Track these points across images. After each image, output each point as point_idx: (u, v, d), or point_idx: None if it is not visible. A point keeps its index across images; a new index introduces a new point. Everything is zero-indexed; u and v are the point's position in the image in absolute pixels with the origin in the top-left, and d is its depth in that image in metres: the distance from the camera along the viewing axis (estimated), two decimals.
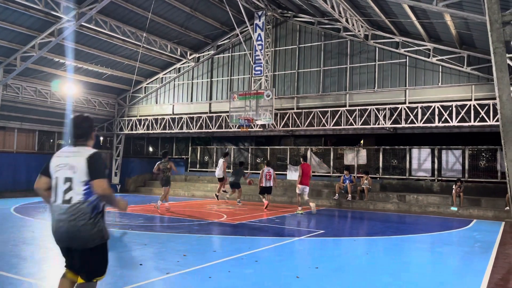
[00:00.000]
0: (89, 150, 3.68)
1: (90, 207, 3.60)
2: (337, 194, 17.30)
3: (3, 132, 20.80)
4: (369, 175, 17.44)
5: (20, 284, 5.36)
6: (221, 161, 17.31)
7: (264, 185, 15.43)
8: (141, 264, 6.52)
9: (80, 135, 3.77)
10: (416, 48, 16.43)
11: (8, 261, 6.51)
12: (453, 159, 17.23)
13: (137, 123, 22.69)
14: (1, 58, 17.45)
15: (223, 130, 19.87)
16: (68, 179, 3.59)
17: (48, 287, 5.39)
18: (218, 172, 17.14)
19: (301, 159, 14.92)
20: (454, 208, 15.06)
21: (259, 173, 16.24)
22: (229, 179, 16.77)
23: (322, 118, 17.57)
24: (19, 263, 6.42)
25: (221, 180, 17.11)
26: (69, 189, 3.58)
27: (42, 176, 3.81)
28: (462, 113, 15.05)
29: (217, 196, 17.00)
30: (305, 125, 17.98)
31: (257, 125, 18.17)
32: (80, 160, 3.59)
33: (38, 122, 21.62)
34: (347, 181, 17.23)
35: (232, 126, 18.99)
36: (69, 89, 20.15)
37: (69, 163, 3.61)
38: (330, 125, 17.37)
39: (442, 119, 15.43)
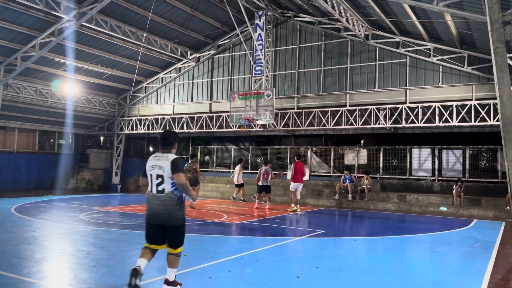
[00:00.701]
0: (172, 156, 5.05)
1: (177, 197, 5.00)
2: (337, 194, 17.29)
3: (4, 132, 20.82)
4: (370, 175, 17.44)
5: (20, 284, 5.36)
6: (237, 167, 17.53)
7: (261, 184, 15.53)
8: None
9: (167, 144, 5.17)
10: (417, 48, 16.42)
11: (8, 261, 6.52)
12: (453, 159, 17.21)
13: (138, 123, 22.69)
14: (1, 58, 17.46)
15: (224, 130, 19.88)
16: (159, 176, 5.01)
17: (48, 286, 5.39)
18: (237, 178, 17.31)
19: (295, 157, 15.13)
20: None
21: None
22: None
23: (323, 118, 17.56)
24: (20, 263, 6.42)
25: (240, 186, 17.33)
26: (161, 182, 5.01)
27: (143, 177, 5.32)
28: (463, 113, 15.05)
29: (242, 200, 17.25)
30: (306, 125, 17.98)
31: (257, 125, 18.17)
32: (167, 163, 4.97)
33: (38, 122, 21.65)
34: (348, 181, 17.22)
35: (233, 126, 18.99)
36: (70, 89, 20.17)
37: (159, 165, 5.02)
38: (330, 125, 17.37)
39: (443, 119, 15.42)
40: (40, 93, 19.68)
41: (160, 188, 5.01)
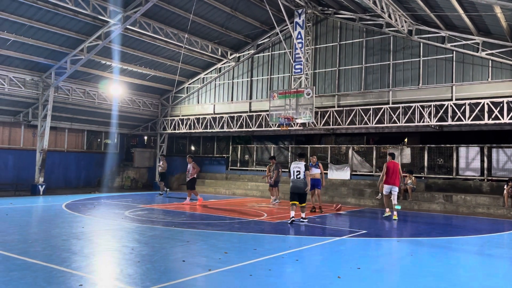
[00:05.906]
0: (303, 162, 11.23)
1: (304, 180, 11.01)
2: (380, 194, 16.90)
3: (55, 132, 21.88)
4: (413, 175, 16.93)
5: (70, 277, 5.62)
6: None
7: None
8: (183, 261, 6.67)
9: (301, 156, 11.52)
10: (464, 42, 15.78)
11: (59, 255, 6.85)
12: (504, 158, 16.39)
13: (180, 122, 23.18)
14: (53, 62, 18.35)
15: (263, 129, 19.93)
16: (298, 171, 11.05)
17: (96, 280, 5.62)
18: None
19: (389, 157, 13.17)
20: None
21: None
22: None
23: (364, 116, 17.23)
24: (70, 257, 6.74)
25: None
26: (298, 174, 11.03)
27: (289, 172, 11.30)
28: None
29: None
30: (347, 124, 17.70)
31: (297, 123, 18.07)
32: (302, 165, 11.10)
33: (86, 122, 22.60)
34: None
35: (272, 125, 19.00)
36: (115, 90, 20.90)
37: (298, 165, 11.12)
38: (372, 123, 17.01)
39: (492, 116, 14.73)
40: (87, 95, 20.52)
41: (298, 176, 10.94)
